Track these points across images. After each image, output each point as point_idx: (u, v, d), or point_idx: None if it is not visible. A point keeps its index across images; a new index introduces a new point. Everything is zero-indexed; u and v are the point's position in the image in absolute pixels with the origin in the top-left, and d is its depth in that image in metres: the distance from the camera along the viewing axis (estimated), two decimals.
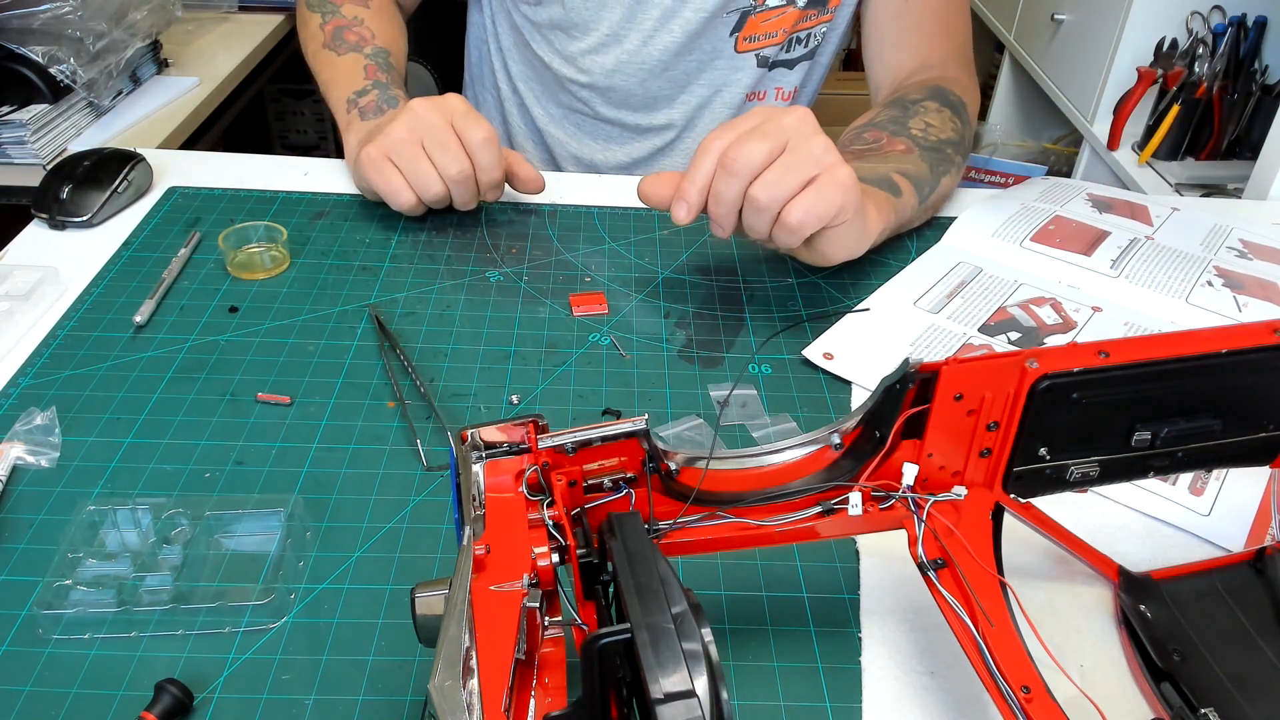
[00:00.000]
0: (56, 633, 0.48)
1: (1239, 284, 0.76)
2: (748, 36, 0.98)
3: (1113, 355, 0.42)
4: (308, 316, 0.71)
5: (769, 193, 0.64)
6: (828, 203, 0.65)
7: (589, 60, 1.00)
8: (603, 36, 0.98)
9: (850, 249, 0.71)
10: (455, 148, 0.76)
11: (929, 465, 0.45)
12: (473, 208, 0.82)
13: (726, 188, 0.65)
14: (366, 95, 0.86)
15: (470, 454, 0.41)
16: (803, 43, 1.02)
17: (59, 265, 0.73)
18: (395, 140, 0.76)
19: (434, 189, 0.77)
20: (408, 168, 0.77)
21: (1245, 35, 1.40)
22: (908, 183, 0.78)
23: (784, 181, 0.64)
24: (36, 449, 0.58)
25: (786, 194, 0.64)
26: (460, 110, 0.77)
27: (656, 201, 0.69)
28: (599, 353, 0.69)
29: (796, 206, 0.64)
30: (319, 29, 0.93)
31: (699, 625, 0.32)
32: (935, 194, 0.82)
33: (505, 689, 0.32)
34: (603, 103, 1.03)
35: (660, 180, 0.69)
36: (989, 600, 0.40)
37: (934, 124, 0.84)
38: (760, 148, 0.64)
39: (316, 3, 0.95)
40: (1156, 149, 1.44)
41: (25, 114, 1.10)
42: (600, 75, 1.01)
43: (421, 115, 0.76)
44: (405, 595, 0.49)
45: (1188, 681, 0.45)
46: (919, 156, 0.81)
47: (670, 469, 0.43)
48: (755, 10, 0.97)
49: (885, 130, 0.83)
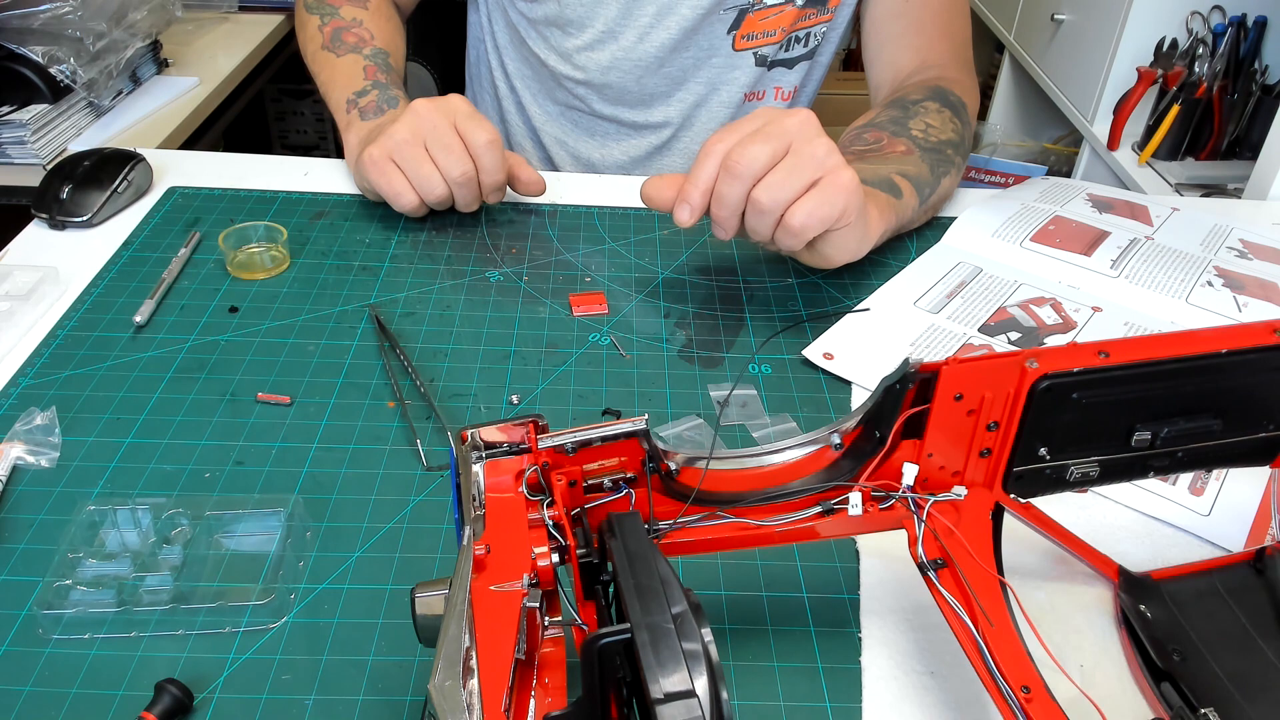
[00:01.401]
0: (56, 633, 0.48)
1: (1239, 284, 0.76)
2: (746, 35, 0.98)
3: (1113, 355, 0.42)
4: (308, 316, 0.71)
5: (772, 195, 0.64)
6: (831, 205, 0.65)
7: (584, 57, 1.00)
8: (598, 33, 0.98)
9: (852, 251, 0.71)
10: (459, 149, 0.76)
11: (929, 465, 0.45)
12: (474, 209, 0.82)
13: (729, 190, 0.65)
14: (366, 95, 0.86)
15: (470, 454, 0.41)
16: (802, 42, 1.02)
17: (59, 265, 0.74)
18: (398, 141, 0.76)
19: (437, 190, 0.77)
20: (411, 169, 0.77)
21: (1245, 35, 1.40)
22: (908, 184, 0.78)
23: (787, 184, 0.64)
24: (36, 449, 0.58)
25: (789, 197, 0.64)
26: (463, 112, 0.77)
27: (659, 203, 0.69)
28: (599, 353, 0.69)
29: (799, 209, 0.64)
30: (318, 30, 0.93)
31: (699, 625, 0.32)
32: (935, 195, 0.82)
33: (505, 689, 0.32)
34: (599, 100, 1.03)
35: (663, 182, 0.69)
36: (989, 600, 0.40)
37: (934, 125, 0.84)
38: (763, 150, 0.64)
39: (315, 5, 0.95)
40: (1156, 149, 1.44)
41: (25, 114, 1.10)
42: (596, 72, 1.00)
43: (424, 116, 0.76)
44: (405, 595, 0.49)
45: (1188, 681, 0.45)
46: (919, 158, 0.81)
47: (670, 469, 0.43)
48: (753, 8, 0.97)
49: (886, 131, 0.83)
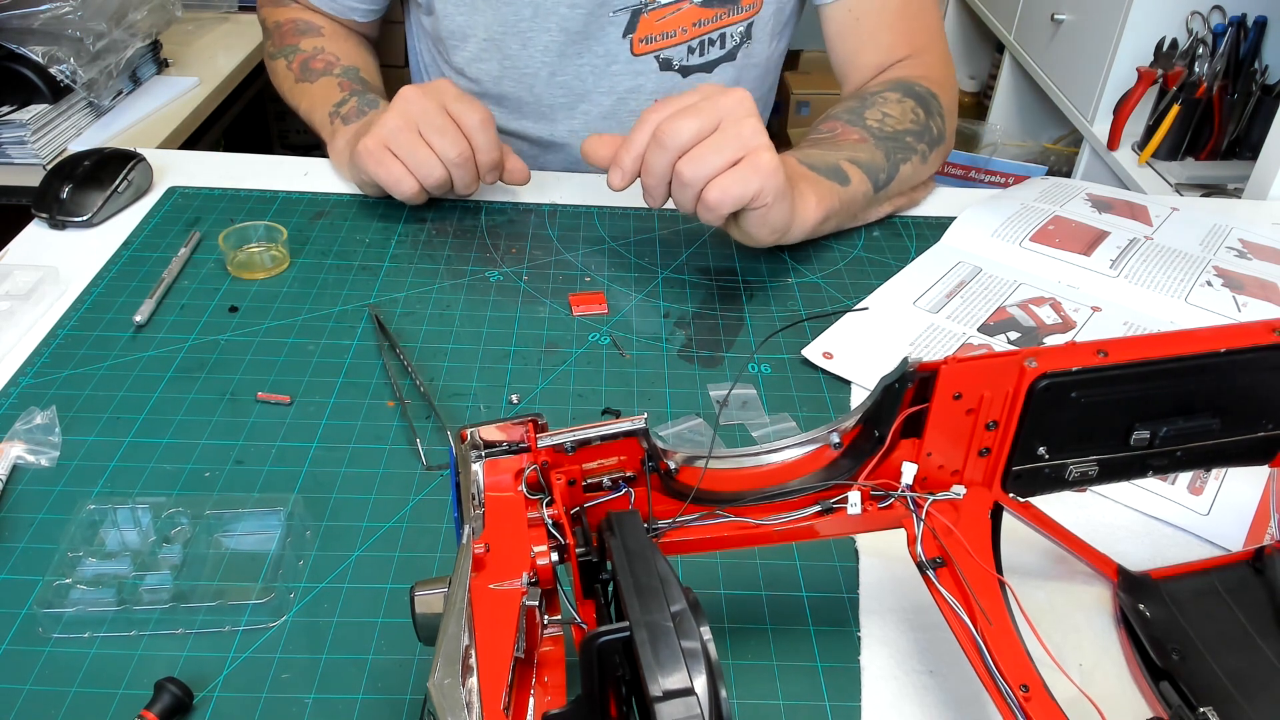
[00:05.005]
0: (56, 631, 0.48)
1: (1238, 284, 0.76)
2: (643, 38, 0.94)
3: (1112, 355, 0.42)
4: (308, 316, 0.71)
5: (692, 170, 0.66)
6: (746, 184, 0.67)
7: (476, 68, 0.96)
8: (481, 41, 0.95)
9: (779, 231, 0.73)
10: (453, 131, 0.76)
11: (928, 464, 0.45)
12: (473, 191, 0.81)
13: (656, 160, 0.67)
14: (346, 104, 0.88)
15: (470, 453, 0.41)
16: (716, 44, 0.96)
17: (59, 265, 0.74)
18: (391, 129, 0.76)
19: (435, 174, 0.77)
20: (407, 155, 0.77)
21: (1245, 35, 1.40)
22: (858, 170, 0.78)
23: (707, 160, 0.66)
24: (36, 448, 0.58)
25: (709, 173, 0.66)
26: (452, 94, 0.77)
27: (595, 160, 0.71)
28: (599, 352, 0.69)
29: (715, 185, 0.67)
30: (287, 70, 0.95)
31: (698, 624, 0.32)
32: (897, 181, 0.82)
33: (504, 687, 0.32)
34: (501, 113, 0.98)
35: (603, 142, 0.71)
36: (988, 599, 0.40)
37: (892, 114, 0.84)
38: (692, 125, 0.66)
39: (277, 51, 0.97)
40: (1156, 149, 1.44)
41: (25, 114, 1.11)
42: (490, 83, 0.97)
43: (414, 102, 0.76)
44: (405, 594, 0.49)
45: (1186, 680, 0.45)
46: (873, 145, 0.81)
47: (669, 468, 0.43)
48: (647, 8, 0.92)
49: (840, 120, 0.84)
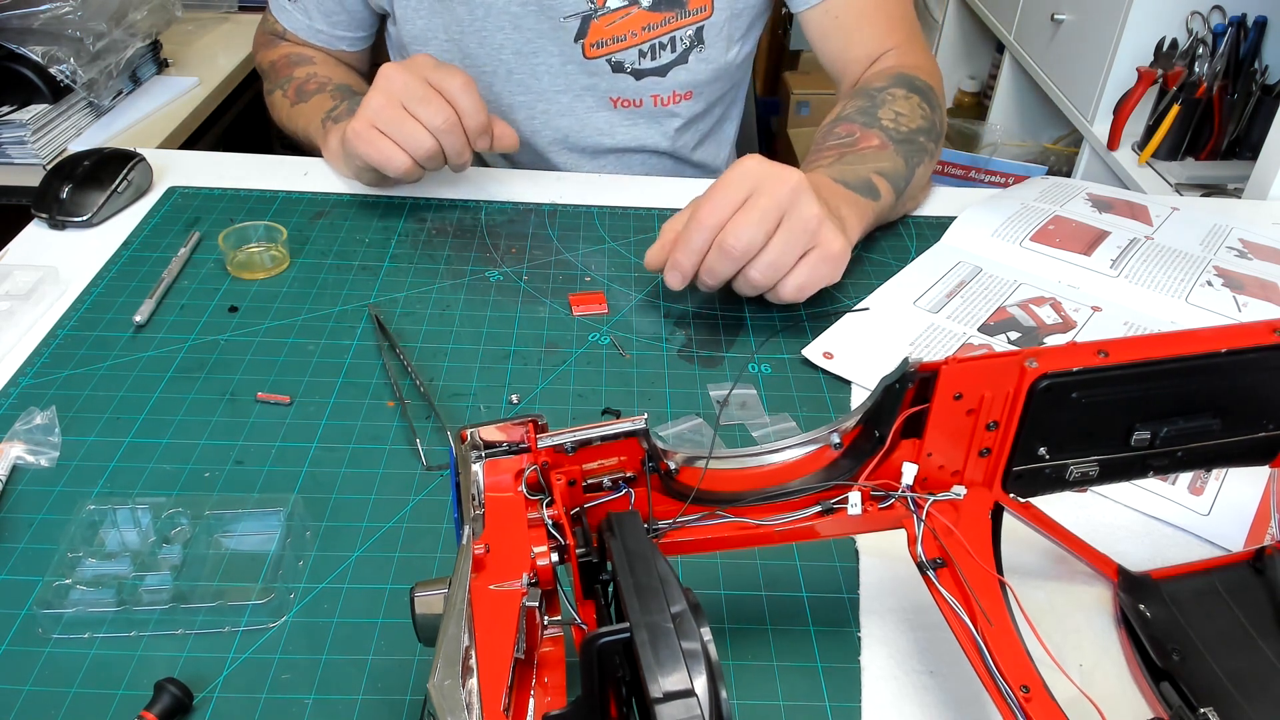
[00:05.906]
0: (56, 632, 0.48)
1: (1239, 284, 0.76)
2: (595, 42, 0.94)
3: (1112, 355, 0.42)
4: (308, 316, 0.71)
5: (765, 275, 0.67)
6: (820, 278, 0.69)
7: None
8: (442, 43, 0.96)
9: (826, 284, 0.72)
10: (436, 99, 0.77)
11: (928, 465, 0.45)
12: (466, 160, 0.80)
13: (721, 267, 0.67)
14: (337, 109, 0.90)
15: (470, 453, 0.41)
16: (667, 48, 0.95)
17: (59, 265, 0.74)
18: (376, 107, 0.77)
19: (425, 144, 0.77)
20: (394, 130, 0.77)
21: (1245, 35, 1.40)
22: (885, 183, 0.79)
23: (779, 263, 0.67)
24: (36, 448, 0.58)
25: (782, 274, 0.67)
26: (430, 64, 0.78)
27: (650, 266, 0.72)
28: (599, 352, 0.69)
29: (790, 283, 0.68)
30: (283, 98, 0.98)
31: (698, 624, 0.32)
32: (912, 185, 0.83)
33: (505, 688, 0.32)
34: None
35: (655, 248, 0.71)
36: (988, 599, 0.40)
37: (904, 112, 0.85)
38: (757, 231, 0.66)
39: (273, 83, 1.00)
40: (1156, 149, 1.44)
41: (25, 114, 1.11)
42: None
43: (395, 78, 0.77)
44: (405, 595, 0.49)
45: (1187, 681, 0.45)
46: (894, 151, 0.81)
47: (670, 468, 0.43)
48: (597, 14, 0.93)
49: (856, 123, 0.84)
